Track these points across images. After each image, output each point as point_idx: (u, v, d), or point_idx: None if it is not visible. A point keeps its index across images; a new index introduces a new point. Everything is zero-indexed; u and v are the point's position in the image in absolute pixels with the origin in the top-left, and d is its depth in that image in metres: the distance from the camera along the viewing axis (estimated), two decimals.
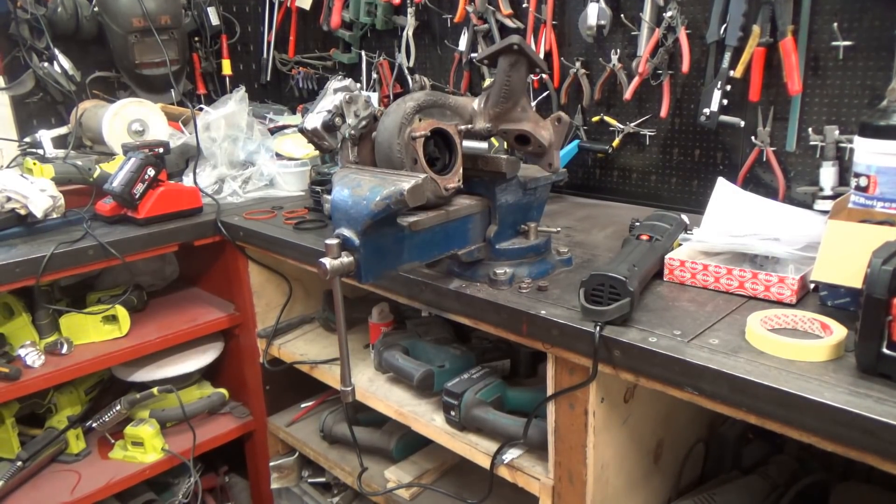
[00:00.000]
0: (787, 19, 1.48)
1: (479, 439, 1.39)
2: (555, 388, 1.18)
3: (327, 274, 1.07)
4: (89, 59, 2.43)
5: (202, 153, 2.11)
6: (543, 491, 1.27)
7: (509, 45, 1.17)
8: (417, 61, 2.35)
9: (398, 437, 1.77)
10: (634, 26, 1.75)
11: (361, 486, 1.71)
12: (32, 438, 1.84)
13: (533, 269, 1.31)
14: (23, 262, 1.58)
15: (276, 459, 2.06)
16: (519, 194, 1.33)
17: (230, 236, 1.87)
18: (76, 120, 2.26)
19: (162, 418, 1.95)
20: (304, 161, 2.18)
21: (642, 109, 1.83)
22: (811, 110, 1.53)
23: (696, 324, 1.07)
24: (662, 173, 1.83)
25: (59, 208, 1.75)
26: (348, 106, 1.24)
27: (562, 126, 1.29)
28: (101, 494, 1.79)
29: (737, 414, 0.94)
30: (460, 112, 1.30)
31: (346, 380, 1.15)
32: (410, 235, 1.17)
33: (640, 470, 1.31)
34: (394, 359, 1.57)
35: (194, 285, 2.25)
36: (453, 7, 2.14)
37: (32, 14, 2.24)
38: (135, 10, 2.31)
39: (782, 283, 1.13)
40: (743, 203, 1.46)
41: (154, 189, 1.81)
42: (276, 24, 2.78)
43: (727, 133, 1.69)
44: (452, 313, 1.33)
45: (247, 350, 2.03)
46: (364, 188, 1.10)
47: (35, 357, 1.69)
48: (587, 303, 1.09)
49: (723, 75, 1.60)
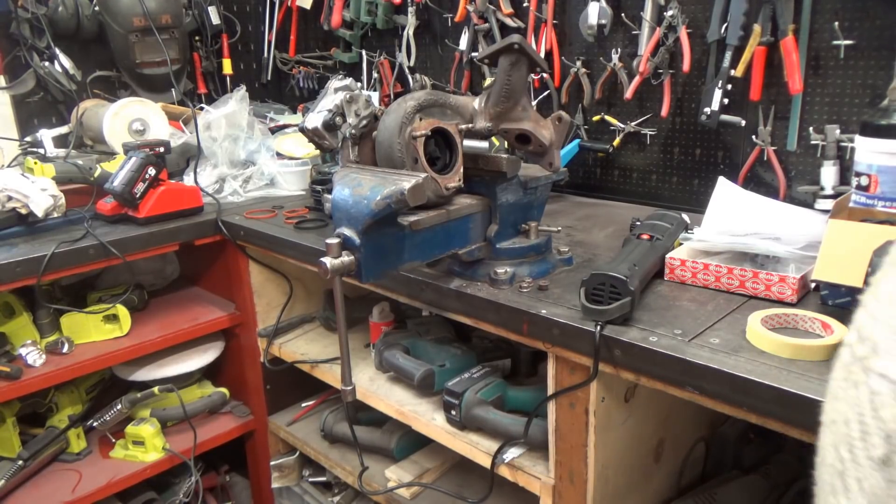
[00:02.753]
0: (788, 18, 1.48)
1: (479, 438, 1.39)
2: (555, 388, 1.18)
3: (328, 273, 1.07)
4: (90, 59, 2.43)
5: (203, 152, 2.11)
6: (544, 490, 1.27)
7: (510, 45, 1.17)
8: (418, 60, 2.35)
9: (399, 436, 1.78)
10: (635, 25, 1.75)
11: (362, 486, 1.71)
12: (33, 437, 1.84)
13: (534, 269, 1.31)
14: (24, 262, 1.58)
15: (276, 459, 2.06)
16: (519, 194, 1.33)
17: (231, 236, 1.87)
18: (77, 119, 2.26)
19: (163, 417, 1.95)
20: (305, 160, 2.18)
21: (643, 109, 1.82)
22: (812, 109, 1.53)
23: (696, 323, 1.07)
24: (663, 172, 1.83)
25: (60, 208, 1.75)
26: (349, 105, 1.24)
27: (562, 125, 1.29)
28: (102, 493, 1.79)
29: (738, 413, 0.94)
30: (461, 111, 1.30)
31: (347, 379, 1.15)
32: (411, 235, 1.17)
33: (641, 469, 1.31)
34: (394, 358, 1.57)
35: (195, 285, 2.25)
36: (454, 6, 2.13)
37: (33, 13, 2.24)
38: (135, 10, 2.31)
39: (783, 283, 1.13)
40: (744, 202, 1.46)
41: (155, 188, 1.82)
42: (276, 24, 2.78)
43: (728, 132, 1.68)
44: (453, 312, 1.33)
45: (247, 349, 2.03)
46: (365, 187, 1.10)
47: (36, 356, 1.69)
48: (588, 302, 1.08)
49: (724, 74, 1.60)
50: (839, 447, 0.52)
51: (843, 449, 0.51)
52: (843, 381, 0.53)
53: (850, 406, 0.51)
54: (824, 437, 0.54)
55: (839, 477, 0.52)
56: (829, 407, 0.54)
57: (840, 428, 0.52)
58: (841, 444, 0.52)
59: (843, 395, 0.53)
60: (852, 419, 0.51)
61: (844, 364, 0.53)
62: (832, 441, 0.53)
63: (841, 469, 0.52)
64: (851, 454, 0.50)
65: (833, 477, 0.53)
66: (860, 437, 0.50)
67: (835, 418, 0.53)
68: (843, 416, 0.52)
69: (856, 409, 0.50)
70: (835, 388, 0.54)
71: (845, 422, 0.52)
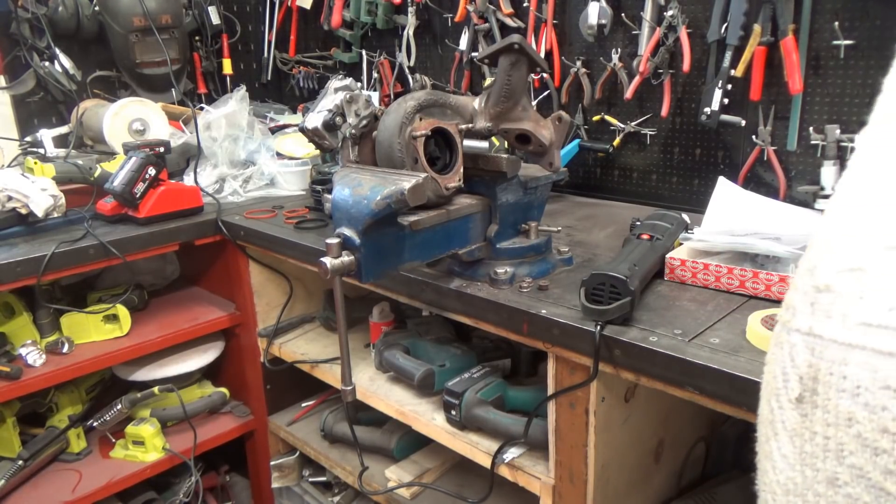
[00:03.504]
0: (788, 18, 1.48)
1: (479, 438, 1.39)
2: (555, 388, 1.18)
3: (328, 273, 1.07)
4: (90, 59, 2.43)
5: (203, 152, 2.11)
6: (544, 490, 1.27)
7: (510, 45, 1.17)
8: (418, 60, 2.35)
9: (399, 436, 1.78)
10: (635, 25, 1.75)
11: (362, 486, 1.71)
12: (33, 437, 1.84)
13: (534, 269, 1.31)
14: (24, 262, 1.58)
15: (276, 459, 2.06)
16: (519, 194, 1.33)
17: (231, 236, 1.87)
18: (77, 119, 2.26)
19: (163, 417, 1.95)
20: (305, 160, 2.18)
21: (643, 108, 1.82)
22: (812, 109, 1.53)
23: (696, 323, 1.07)
24: (663, 172, 1.83)
25: (60, 207, 1.75)
26: (349, 105, 1.24)
27: (562, 125, 1.29)
28: (102, 493, 1.79)
29: (738, 413, 0.94)
30: (461, 111, 1.30)
31: (347, 379, 1.15)
32: (411, 235, 1.17)
33: (641, 469, 1.31)
34: (394, 358, 1.57)
35: (195, 284, 2.25)
36: (454, 6, 2.13)
37: (33, 13, 2.24)
38: (135, 10, 2.31)
39: (783, 283, 1.13)
40: (744, 202, 1.46)
41: (155, 188, 1.82)
42: (276, 24, 2.78)
43: (728, 132, 1.68)
44: (453, 312, 1.33)
45: (247, 349, 2.03)
46: (365, 187, 1.10)
47: (36, 356, 1.69)
48: (588, 302, 1.08)
49: (724, 74, 1.60)
50: (770, 400, 0.59)
51: (773, 400, 0.59)
52: (773, 346, 0.60)
53: (777, 364, 0.59)
54: (761, 398, 0.62)
55: (770, 425, 0.59)
56: (765, 371, 0.61)
57: (770, 384, 0.60)
58: (771, 396, 0.59)
59: (772, 358, 0.60)
60: (778, 374, 0.58)
61: (775, 333, 0.60)
62: (765, 398, 0.60)
63: (771, 418, 0.59)
64: (778, 402, 0.58)
65: (766, 427, 0.60)
66: (783, 386, 0.57)
67: (767, 380, 0.60)
68: (772, 374, 0.59)
69: (780, 365, 0.58)
70: (768, 356, 0.61)
71: (773, 377, 0.59)
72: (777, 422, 0.57)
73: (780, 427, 0.57)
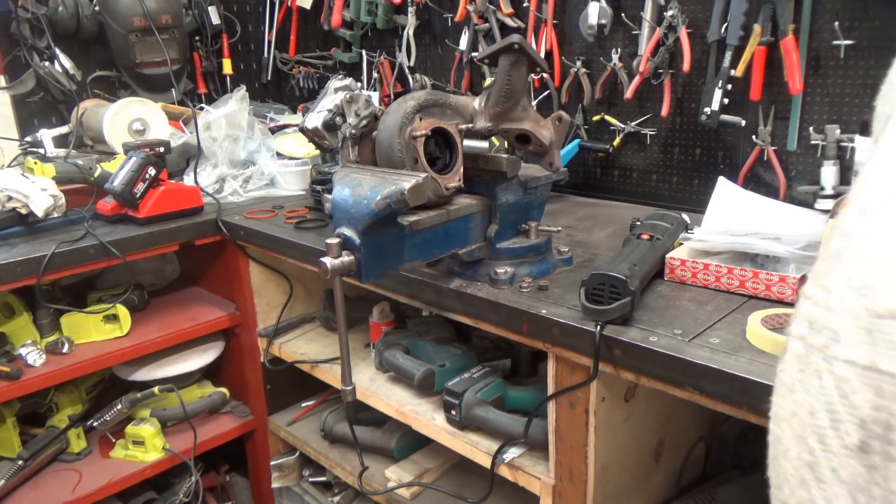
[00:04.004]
0: (788, 18, 1.48)
1: (479, 438, 1.39)
2: (555, 388, 1.18)
3: (328, 273, 1.07)
4: (90, 59, 2.43)
5: (203, 152, 2.11)
6: (544, 490, 1.27)
7: (510, 45, 1.17)
8: (418, 60, 2.35)
9: (399, 436, 1.78)
10: (635, 25, 1.75)
11: (362, 486, 1.71)
12: (33, 437, 1.84)
13: (534, 269, 1.31)
14: (24, 262, 1.58)
15: (276, 459, 2.06)
16: (519, 193, 1.33)
17: (231, 236, 1.87)
18: (77, 119, 2.26)
19: (163, 417, 1.95)
20: (305, 160, 2.18)
21: (643, 108, 1.82)
22: (812, 109, 1.53)
23: (696, 323, 1.07)
24: (663, 172, 1.83)
25: (60, 207, 1.75)
26: (349, 105, 1.24)
27: (562, 125, 1.29)
28: (102, 493, 1.79)
29: (738, 413, 0.94)
30: (461, 111, 1.30)
31: (347, 379, 1.15)
32: (411, 235, 1.17)
33: (641, 469, 1.31)
34: (394, 358, 1.57)
35: (195, 284, 2.25)
36: (454, 6, 2.13)
37: (33, 13, 2.24)
38: (135, 10, 2.31)
39: (783, 283, 1.13)
40: (744, 202, 1.46)
41: (155, 188, 1.82)
42: (276, 24, 2.78)
43: (728, 132, 1.68)
44: (453, 312, 1.33)
45: (247, 349, 2.03)
46: (365, 187, 1.10)
47: (36, 356, 1.69)
48: (588, 302, 1.08)
49: (724, 74, 1.60)
50: (807, 438, 0.51)
51: (811, 440, 0.50)
52: (799, 372, 0.52)
53: (813, 396, 0.50)
54: (782, 430, 0.54)
55: (809, 468, 0.51)
56: (786, 400, 0.53)
57: (805, 419, 0.51)
58: (808, 435, 0.51)
59: (802, 387, 0.52)
60: (819, 409, 0.50)
61: (798, 356, 0.52)
62: (795, 433, 0.52)
63: (811, 460, 0.51)
64: (823, 444, 0.50)
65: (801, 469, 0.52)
66: (831, 426, 0.49)
67: (795, 411, 0.52)
68: (807, 408, 0.51)
69: (822, 399, 0.49)
70: (789, 380, 0.53)
71: (810, 412, 0.51)
72: (823, 468, 0.50)
73: (828, 475, 0.49)
